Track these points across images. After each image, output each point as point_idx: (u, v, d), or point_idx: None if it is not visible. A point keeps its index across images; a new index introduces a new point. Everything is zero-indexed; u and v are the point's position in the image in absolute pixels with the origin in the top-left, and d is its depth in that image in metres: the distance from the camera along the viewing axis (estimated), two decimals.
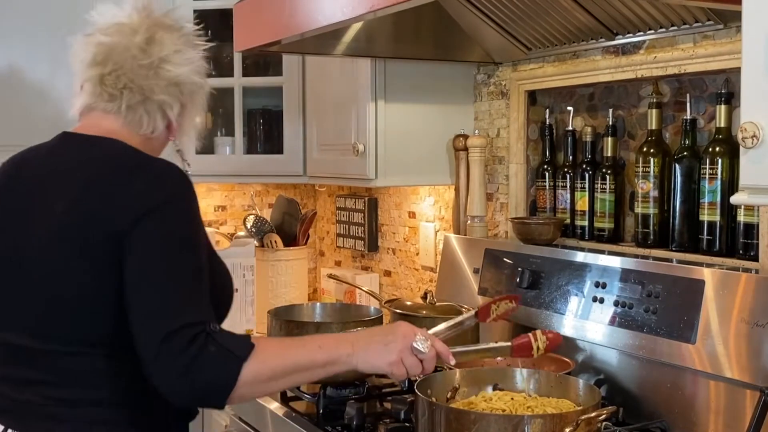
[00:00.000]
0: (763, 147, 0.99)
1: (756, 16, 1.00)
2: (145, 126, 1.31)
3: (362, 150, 2.17)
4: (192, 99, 1.38)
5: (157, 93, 1.30)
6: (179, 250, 1.18)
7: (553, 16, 1.82)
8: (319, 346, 1.24)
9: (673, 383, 1.57)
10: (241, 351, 1.15)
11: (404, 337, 1.27)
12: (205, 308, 1.18)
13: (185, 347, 1.12)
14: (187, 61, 1.33)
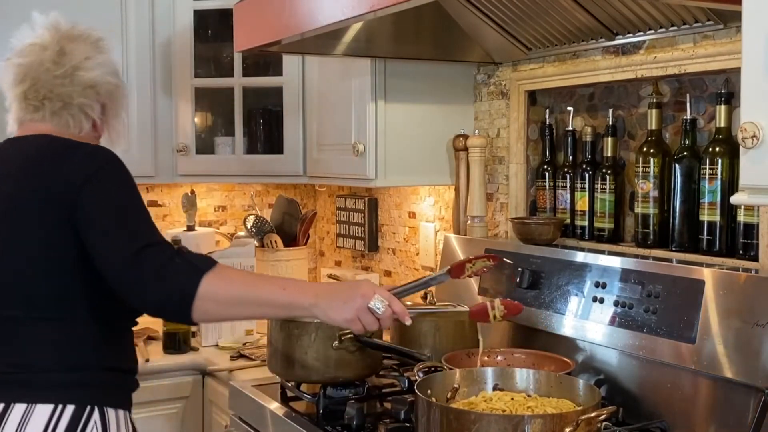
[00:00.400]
0: (763, 147, 0.99)
1: (756, 16, 1.00)
2: (72, 127, 1.46)
3: (362, 150, 2.17)
4: (111, 98, 1.52)
5: (76, 97, 1.46)
6: (126, 195, 1.36)
7: (553, 16, 1.82)
8: (283, 288, 1.33)
9: (673, 383, 1.57)
10: (203, 265, 1.28)
11: (363, 297, 1.34)
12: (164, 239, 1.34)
13: (155, 258, 1.27)
14: (98, 65, 1.47)
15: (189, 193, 2.79)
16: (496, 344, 1.97)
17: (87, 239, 1.32)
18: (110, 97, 1.52)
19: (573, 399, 1.47)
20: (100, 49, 1.52)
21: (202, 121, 2.78)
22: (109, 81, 1.51)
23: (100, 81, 1.48)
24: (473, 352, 1.76)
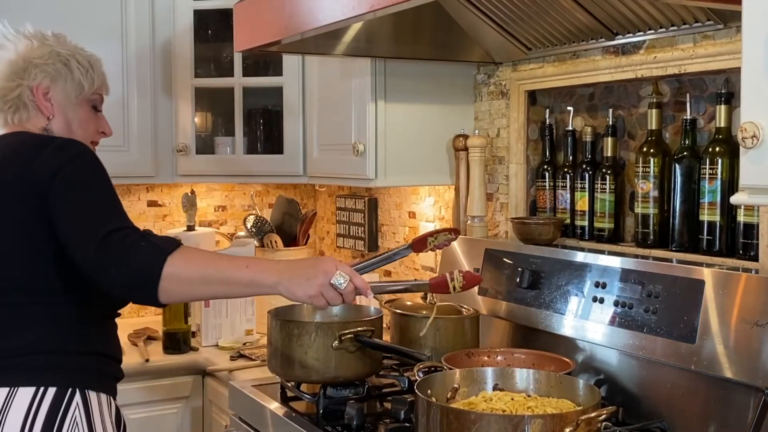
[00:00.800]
0: (763, 147, 0.99)
1: (756, 16, 1.00)
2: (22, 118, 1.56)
3: (362, 150, 2.18)
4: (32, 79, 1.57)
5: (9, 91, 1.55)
6: (95, 184, 1.41)
7: (553, 16, 1.82)
8: (246, 266, 1.36)
9: (673, 383, 1.57)
10: (167, 246, 1.32)
11: (325, 274, 1.36)
12: (132, 223, 1.38)
13: (121, 241, 1.32)
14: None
15: (189, 193, 2.79)
16: (496, 344, 1.97)
17: (59, 229, 1.38)
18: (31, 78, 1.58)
19: (573, 399, 1.47)
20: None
21: (202, 121, 2.78)
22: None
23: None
24: (473, 352, 1.76)
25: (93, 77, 1.60)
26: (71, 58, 1.58)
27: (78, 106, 1.59)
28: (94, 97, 1.62)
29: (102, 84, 1.64)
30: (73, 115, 1.58)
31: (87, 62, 1.60)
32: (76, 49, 1.62)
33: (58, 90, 1.56)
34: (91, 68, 1.61)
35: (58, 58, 1.57)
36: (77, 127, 1.59)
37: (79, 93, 1.58)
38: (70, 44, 1.62)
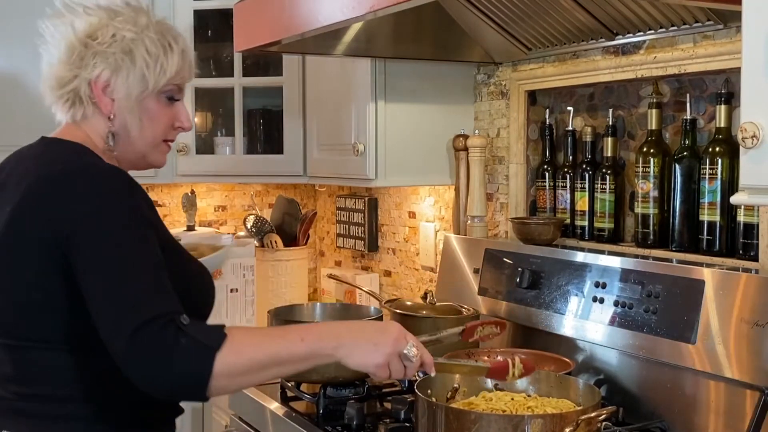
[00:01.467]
0: (763, 147, 0.99)
1: (756, 16, 1.00)
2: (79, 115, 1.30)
3: (362, 150, 2.17)
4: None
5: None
6: (128, 244, 1.16)
7: (553, 16, 1.82)
8: (301, 339, 1.19)
9: (673, 383, 1.57)
10: (213, 342, 1.11)
11: (395, 342, 1.22)
12: (171, 300, 1.14)
13: (155, 340, 1.09)
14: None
15: (189, 193, 2.79)
16: (497, 344, 1.96)
17: (84, 294, 1.16)
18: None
19: (573, 399, 1.48)
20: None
21: (202, 121, 2.78)
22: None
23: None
24: (473, 352, 1.77)
25: (165, 66, 1.28)
26: (138, 42, 1.26)
27: (145, 101, 1.29)
28: (168, 88, 1.30)
29: (179, 71, 1.30)
30: (140, 112, 1.29)
31: (158, 46, 1.27)
32: (151, 25, 1.28)
33: (120, 85, 1.26)
34: (165, 53, 1.28)
35: (121, 44, 1.25)
36: (145, 126, 1.30)
37: (142, 91, 1.27)
38: (144, 20, 1.28)
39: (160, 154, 1.35)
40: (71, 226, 1.15)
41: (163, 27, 1.30)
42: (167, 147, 1.36)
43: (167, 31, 1.30)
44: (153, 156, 1.34)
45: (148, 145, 1.32)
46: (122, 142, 1.29)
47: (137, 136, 1.29)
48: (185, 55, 1.32)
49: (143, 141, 1.31)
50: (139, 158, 1.33)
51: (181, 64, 1.30)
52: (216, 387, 1.11)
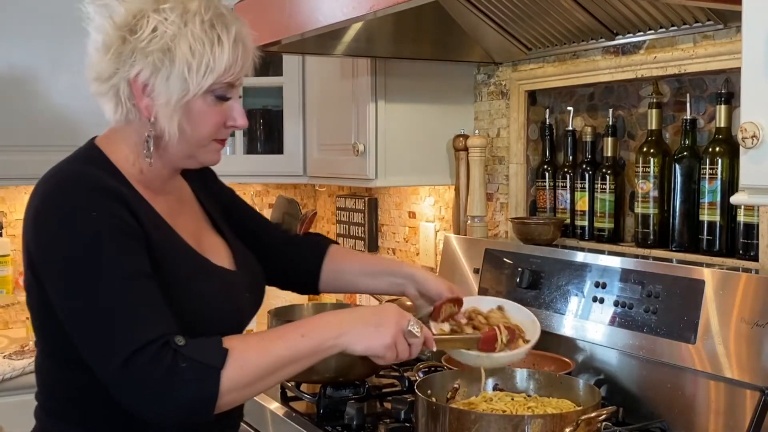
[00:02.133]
0: (763, 147, 0.99)
1: (756, 16, 1.00)
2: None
3: (362, 150, 2.18)
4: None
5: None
6: (102, 263, 1.05)
7: (553, 16, 1.82)
8: (301, 335, 1.13)
9: (674, 383, 1.57)
10: (215, 360, 1.05)
11: (397, 322, 1.18)
12: (162, 319, 1.06)
13: (151, 369, 1.01)
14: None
15: None
16: None
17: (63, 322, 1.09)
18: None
19: (573, 399, 1.47)
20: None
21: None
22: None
23: None
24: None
25: (211, 64, 1.12)
26: (180, 39, 1.10)
27: (188, 104, 1.14)
28: (216, 87, 1.14)
29: (229, 68, 1.14)
30: (182, 117, 1.14)
31: (204, 41, 1.11)
32: (200, 13, 1.12)
33: (159, 87, 1.12)
34: (211, 49, 1.12)
35: (161, 41, 1.10)
36: (190, 130, 1.16)
37: (183, 95, 1.12)
38: (194, 5, 1.12)
39: (210, 154, 1.21)
40: (39, 254, 1.09)
41: (215, 14, 1.13)
42: (219, 145, 1.21)
43: (218, 18, 1.13)
44: (203, 156, 1.21)
45: (196, 147, 1.19)
46: (165, 146, 1.17)
47: (181, 140, 1.16)
48: (238, 47, 1.14)
49: (190, 143, 1.18)
50: (187, 158, 1.21)
51: (231, 59, 1.13)
52: (223, 404, 1.06)
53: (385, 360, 1.19)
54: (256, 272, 1.35)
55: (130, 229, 1.10)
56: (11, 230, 2.67)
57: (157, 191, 1.22)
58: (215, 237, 1.32)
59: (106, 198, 1.09)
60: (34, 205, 1.11)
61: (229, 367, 1.05)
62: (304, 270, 1.48)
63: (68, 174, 1.13)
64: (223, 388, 1.05)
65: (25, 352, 2.32)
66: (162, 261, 1.13)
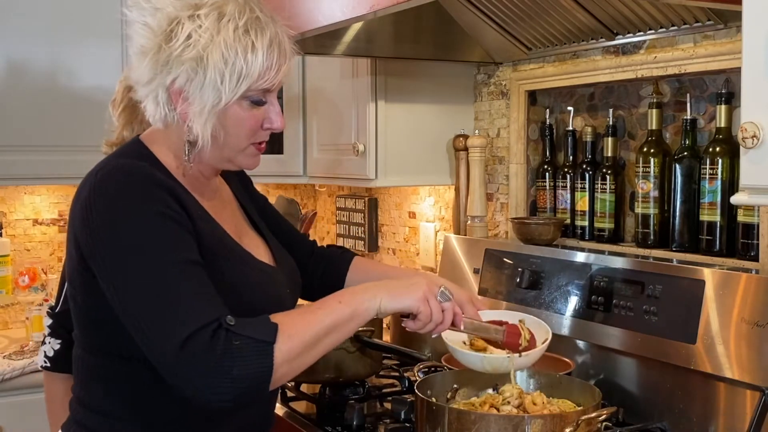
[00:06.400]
0: (764, 147, 1.00)
1: (756, 15, 1.01)
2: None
3: (362, 150, 2.18)
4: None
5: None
6: (153, 251, 1.08)
7: (554, 16, 1.82)
8: (338, 302, 1.17)
9: (674, 383, 1.57)
10: (267, 336, 1.08)
11: (428, 284, 1.23)
12: (214, 302, 1.08)
13: (206, 349, 1.04)
14: None
15: None
16: None
17: (117, 312, 1.10)
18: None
19: (573, 399, 1.48)
20: None
21: None
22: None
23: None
24: None
25: (244, 72, 1.12)
26: (213, 47, 1.11)
27: (223, 111, 1.15)
28: (250, 94, 1.15)
29: (263, 73, 1.14)
30: (217, 124, 1.15)
31: (237, 49, 1.11)
32: (234, 19, 1.12)
33: (193, 95, 1.13)
34: (244, 57, 1.12)
35: (194, 50, 1.11)
36: (225, 136, 1.17)
37: (216, 103, 1.13)
38: (230, 8, 1.13)
39: (248, 158, 1.22)
40: (91, 244, 1.10)
41: (249, 18, 1.13)
42: (258, 149, 1.22)
43: (253, 23, 1.13)
44: (240, 160, 1.22)
45: (234, 151, 1.20)
46: (202, 151, 1.18)
47: (219, 145, 1.18)
48: (273, 52, 1.15)
49: (227, 147, 1.19)
50: (226, 162, 1.23)
51: (266, 65, 1.14)
52: (277, 378, 1.09)
53: (420, 319, 1.21)
54: (294, 270, 1.39)
55: (181, 219, 1.12)
56: (11, 230, 2.68)
57: (199, 190, 1.24)
58: (255, 235, 1.35)
59: (157, 189, 1.12)
60: (83, 197, 1.12)
61: (279, 340, 1.08)
62: (328, 283, 1.49)
63: (119, 167, 1.14)
64: (277, 361, 1.07)
65: (25, 353, 2.33)
66: (209, 251, 1.16)
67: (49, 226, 2.74)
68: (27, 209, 2.71)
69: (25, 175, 2.44)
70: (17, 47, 2.40)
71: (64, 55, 2.44)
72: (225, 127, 1.16)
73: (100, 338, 1.19)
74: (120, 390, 1.19)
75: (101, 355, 1.20)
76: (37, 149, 2.41)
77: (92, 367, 1.21)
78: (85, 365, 1.23)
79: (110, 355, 1.18)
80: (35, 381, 2.10)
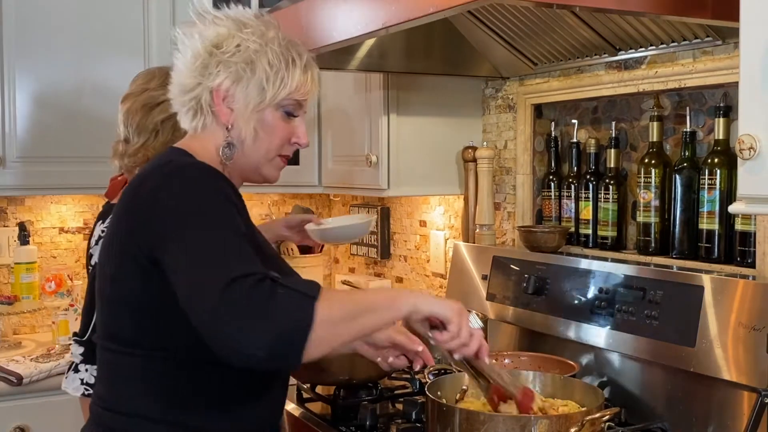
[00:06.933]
0: (760, 158, 1.02)
1: (753, 32, 1.03)
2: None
3: (375, 161, 2.21)
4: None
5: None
6: (208, 217, 1.12)
7: (559, 33, 1.85)
8: (377, 293, 1.23)
9: (674, 385, 1.60)
10: (311, 291, 1.07)
11: (460, 308, 1.24)
12: (261, 265, 1.09)
13: (250, 292, 1.02)
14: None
15: None
16: (504, 348, 2.00)
17: (169, 275, 1.12)
18: None
19: (577, 400, 1.50)
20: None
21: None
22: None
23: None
24: None
25: (286, 80, 1.25)
26: (261, 54, 1.24)
27: (262, 113, 1.26)
28: (287, 103, 1.27)
29: (300, 86, 1.27)
30: (256, 123, 1.26)
31: (281, 59, 1.25)
32: (277, 39, 1.27)
33: (239, 94, 1.25)
34: (287, 67, 1.26)
35: (244, 54, 1.24)
36: (261, 138, 1.27)
37: (260, 102, 1.25)
38: (271, 33, 1.27)
39: (274, 169, 1.32)
40: (157, 218, 1.14)
41: (289, 42, 1.29)
42: (283, 162, 1.33)
43: (293, 46, 1.29)
44: (267, 169, 1.31)
45: (263, 158, 1.29)
46: (237, 153, 1.27)
47: (252, 148, 1.27)
48: (308, 71, 1.29)
49: (258, 153, 1.28)
50: (252, 171, 1.31)
51: (302, 79, 1.28)
52: (316, 338, 1.05)
53: (450, 330, 1.20)
54: None
55: (240, 210, 1.20)
56: (38, 238, 2.73)
57: None
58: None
59: (217, 176, 1.20)
60: (148, 186, 1.17)
61: (322, 300, 1.07)
62: None
63: (185, 161, 1.22)
64: (317, 318, 1.05)
65: (51, 356, 2.36)
66: (253, 241, 1.20)
67: (74, 234, 2.79)
68: (53, 218, 2.76)
69: (53, 185, 2.48)
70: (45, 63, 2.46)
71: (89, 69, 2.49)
72: (261, 129, 1.27)
73: (141, 333, 1.21)
74: (156, 390, 1.21)
75: (139, 355, 1.21)
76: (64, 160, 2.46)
77: (126, 367, 1.23)
78: (117, 366, 1.24)
79: (149, 353, 1.20)
80: (60, 383, 2.14)
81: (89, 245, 1.71)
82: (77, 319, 2.47)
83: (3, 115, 2.41)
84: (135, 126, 1.70)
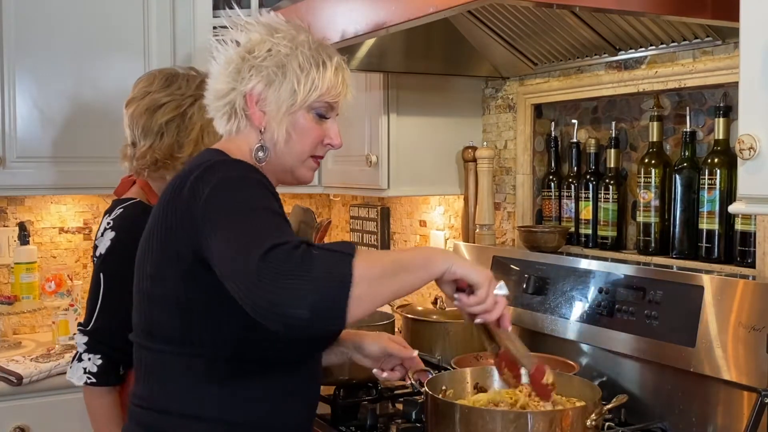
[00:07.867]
0: (760, 158, 1.03)
1: (753, 32, 1.04)
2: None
3: (375, 161, 2.22)
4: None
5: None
6: (254, 196, 1.16)
7: (559, 33, 1.86)
8: (412, 251, 1.23)
9: (674, 385, 1.60)
10: (348, 249, 1.08)
11: (491, 276, 1.22)
12: (298, 237, 1.11)
13: (288, 256, 1.04)
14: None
15: None
16: None
17: (213, 264, 1.13)
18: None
19: (577, 397, 1.50)
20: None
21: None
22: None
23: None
24: (482, 355, 1.80)
25: (317, 82, 1.28)
26: (292, 57, 1.27)
27: (294, 116, 1.29)
28: (319, 105, 1.29)
29: (331, 88, 1.29)
30: (289, 125, 1.29)
31: (311, 62, 1.28)
32: (308, 43, 1.29)
33: (271, 97, 1.27)
34: (317, 69, 1.28)
35: (275, 59, 1.27)
36: (293, 139, 1.29)
37: (292, 104, 1.27)
38: (302, 37, 1.29)
39: (307, 170, 1.34)
40: (200, 205, 1.15)
41: (320, 45, 1.31)
42: (315, 163, 1.34)
43: (323, 49, 1.31)
44: (300, 171, 1.33)
45: (296, 160, 1.31)
46: (270, 155, 1.30)
47: (285, 150, 1.30)
48: (339, 73, 1.31)
49: (291, 155, 1.31)
50: (286, 172, 1.33)
51: (333, 81, 1.30)
52: (357, 296, 1.04)
53: (477, 296, 1.19)
54: None
55: (275, 194, 1.22)
56: (38, 238, 2.73)
57: None
58: None
59: (255, 169, 1.23)
60: (192, 179, 1.18)
61: (359, 257, 1.07)
62: None
63: (213, 159, 1.24)
64: (356, 274, 1.05)
65: (51, 356, 2.36)
66: None
67: (74, 234, 2.79)
68: (53, 218, 2.76)
69: (53, 185, 2.48)
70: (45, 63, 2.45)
71: (89, 69, 2.49)
72: (293, 132, 1.29)
73: (184, 331, 1.21)
74: (199, 389, 1.22)
75: (182, 353, 1.22)
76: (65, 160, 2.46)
77: (169, 365, 1.24)
78: (159, 365, 1.25)
79: (193, 350, 1.21)
80: (60, 383, 2.14)
81: (95, 237, 1.75)
82: (77, 319, 2.48)
83: (3, 115, 2.41)
84: (140, 129, 1.72)
